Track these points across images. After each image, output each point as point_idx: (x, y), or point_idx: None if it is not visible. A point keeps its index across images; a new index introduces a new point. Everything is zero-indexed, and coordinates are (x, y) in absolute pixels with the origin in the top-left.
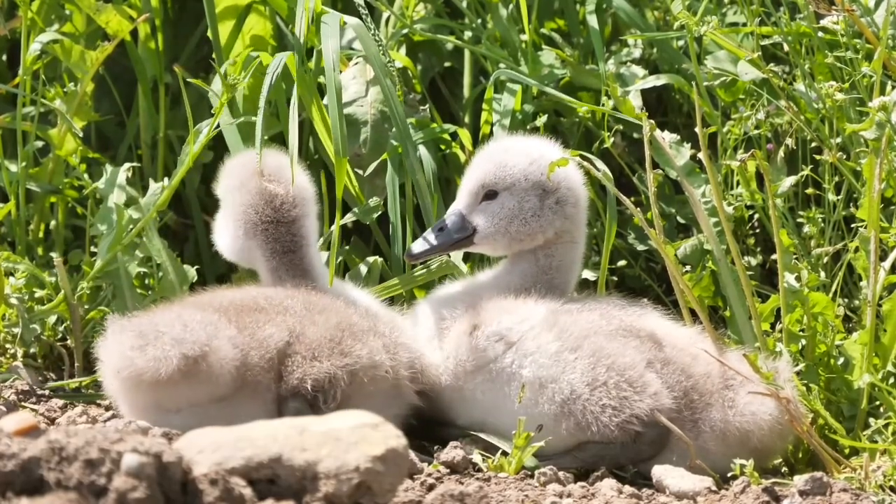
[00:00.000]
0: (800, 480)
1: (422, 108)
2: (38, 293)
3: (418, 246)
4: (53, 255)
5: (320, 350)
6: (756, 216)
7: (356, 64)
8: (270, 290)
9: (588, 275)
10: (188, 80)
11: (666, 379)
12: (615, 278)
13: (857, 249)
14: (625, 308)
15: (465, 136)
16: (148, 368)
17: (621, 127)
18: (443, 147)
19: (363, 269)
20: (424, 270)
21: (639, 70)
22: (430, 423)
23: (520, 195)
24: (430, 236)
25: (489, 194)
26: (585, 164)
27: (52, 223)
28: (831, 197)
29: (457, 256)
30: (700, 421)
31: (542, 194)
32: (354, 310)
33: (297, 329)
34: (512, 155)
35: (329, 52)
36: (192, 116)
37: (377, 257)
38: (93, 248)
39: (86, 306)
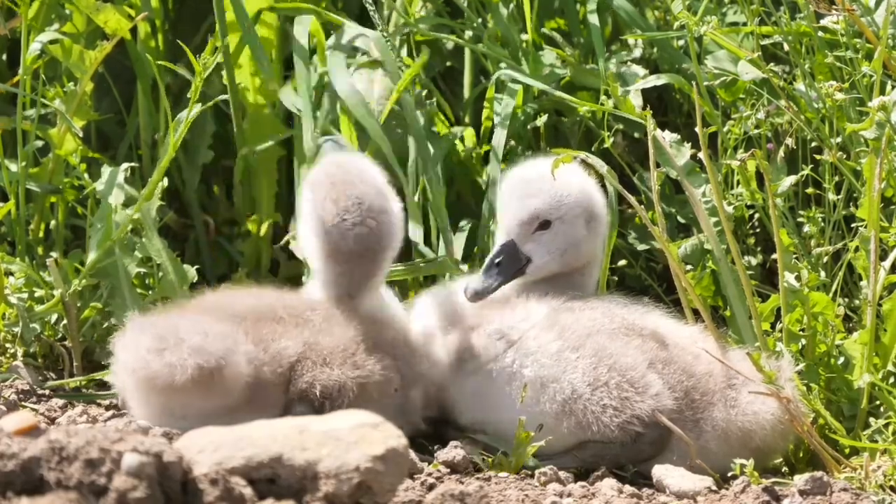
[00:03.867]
0: (800, 480)
1: (428, 102)
2: (38, 292)
3: (478, 284)
4: (53, 254)
5: (332, 357)
6: (756, 216)
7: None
8: (293, 299)
9: None
10: (162, 64)
11: (667, 379)
12: (615, 278)
13: (857, 249)
14: (627, 306)
15: (469, 135)
16: (162, 373)
17: (622, 126)
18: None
19: None
20: (425, 262)
21: (639, 70)
22: (430, 421)
23: (571, 223)
24: (491, 273)
25: (543, 224)
26: (590, 164)
27: (52, 223)
28: (831, 196)
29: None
30: (702, 420)
31: (588, 219)
32: (374, 329)
33: (311, 339)
34: (563, 184)
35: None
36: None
37: None
38: None
39: (78, 304)
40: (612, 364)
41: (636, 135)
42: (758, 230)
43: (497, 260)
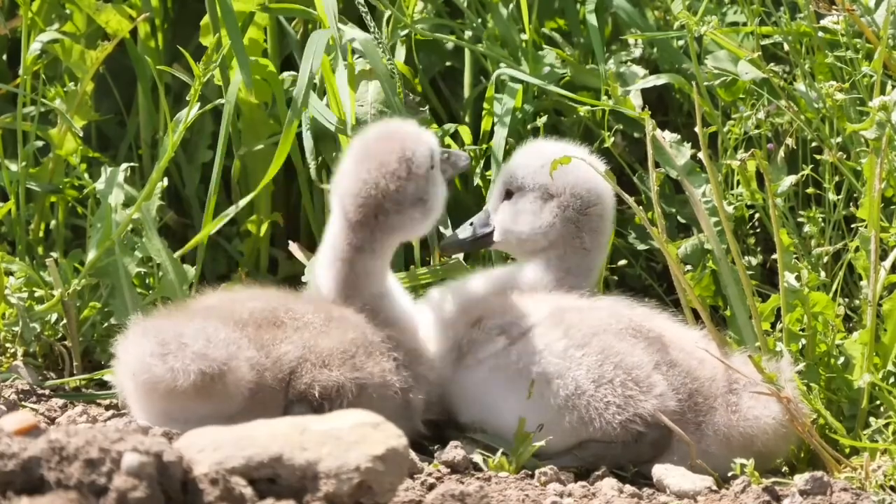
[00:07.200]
0: (800, 480)
1: (421, 108)
2: (38, 292)
3: (449, 239)
4: (53, 254)
5: (332, 359)
6: (756, 216)
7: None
8: (294, 303)
9: None
10: (161, 69)
11: (672, 381)
12: (616, 278)
13: (857, 249)
14: (633, 308)
15: (465, 132)
16: (165, 378)
17: (621, 126)
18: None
19: None
20: (429, 270)
21: (639, 70)
22: (430, 425)
23: (527, 196)
24: (460, 231)
25: (506, 193)
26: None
27: (53, 223)
28: (831, 196)
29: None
30: (704, 424)
31: (545, 196)
32: (374, 331)
33: (311, 342)
34: (526, 156)
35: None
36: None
37: None
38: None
39: (78, 304)
40: (618, 362)
41: (636, 135)
42: (758, 230)
43: (471, 222)
